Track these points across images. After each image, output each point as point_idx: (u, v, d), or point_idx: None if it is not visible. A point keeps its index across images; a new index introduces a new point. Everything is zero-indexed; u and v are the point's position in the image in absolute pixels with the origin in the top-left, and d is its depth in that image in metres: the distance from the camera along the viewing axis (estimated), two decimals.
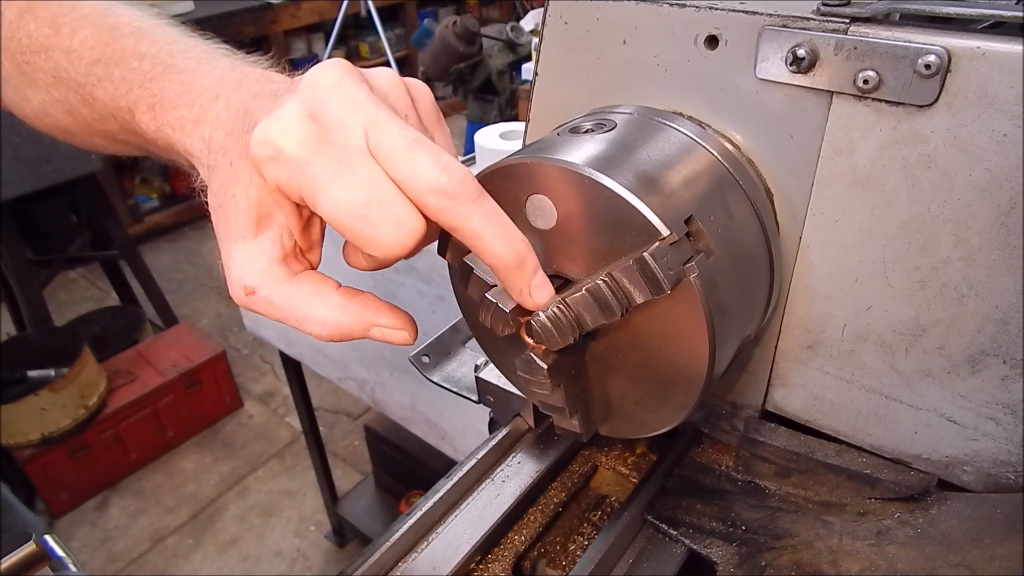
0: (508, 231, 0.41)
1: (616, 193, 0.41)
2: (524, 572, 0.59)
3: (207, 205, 0.47)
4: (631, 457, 0.67)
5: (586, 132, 0.49)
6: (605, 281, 0.42)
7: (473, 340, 0.76)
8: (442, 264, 0.49)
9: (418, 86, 0.48)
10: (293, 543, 2.62)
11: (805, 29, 0.46)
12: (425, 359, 0.74)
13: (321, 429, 2.51)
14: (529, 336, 0.45)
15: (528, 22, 2.49)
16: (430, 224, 0.40)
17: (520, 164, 0.45)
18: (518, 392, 0.62)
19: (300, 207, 0.43)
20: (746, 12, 0.48)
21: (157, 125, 0.50)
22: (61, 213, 3.14)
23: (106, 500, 2.81)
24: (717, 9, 0.50)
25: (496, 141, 1.56)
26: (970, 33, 0.42)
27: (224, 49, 0.54)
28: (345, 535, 2.59)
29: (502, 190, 0.45)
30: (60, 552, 0.63)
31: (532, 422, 0.68)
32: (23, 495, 2.61)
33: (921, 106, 0.44)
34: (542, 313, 0.43)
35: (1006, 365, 0.47)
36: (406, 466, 2.30)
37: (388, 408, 1.78)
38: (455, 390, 0.73)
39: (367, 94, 0.41)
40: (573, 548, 0.61)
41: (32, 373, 2.65)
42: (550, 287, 0.43)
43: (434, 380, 0.74)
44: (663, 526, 0.56)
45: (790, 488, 0.58)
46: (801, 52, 0.46)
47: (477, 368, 0.71)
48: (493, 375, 0.69)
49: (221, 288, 3.97)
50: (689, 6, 0.51)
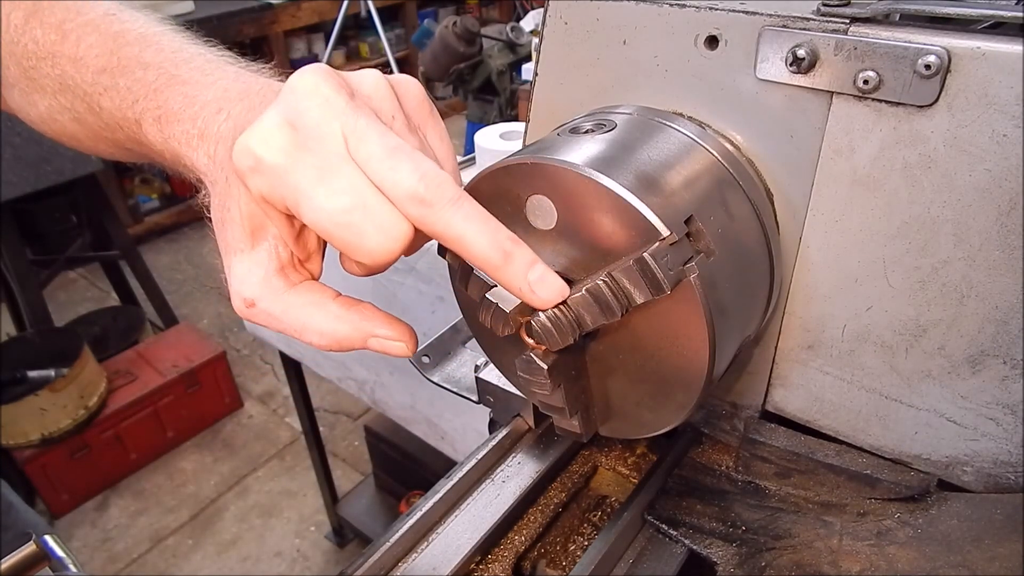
0: (489, 229, 0.40)
1: (616, 193, 0.41)
2: (524, 572, 0.59)
3: (210, 221, 0.47)
4: (631, 457, 0.67)
5: (586, 132, 0.49)
6: (605, 281, 0.42)
7: (473, 340, 0.76)
8: (442, 264, 0.49)
9: (404, 83, 0.47)
10: (293, 543, 2.62)
11: (805, 29, 0.46)
12: (425, 359, 0.74)
13: (321, 429, 2.51)
14: (529, 336, 0.45)
15: (528, 22, 2.49)
16: (416, 232, 0.40)
17: (520, 164, 0.45)
18: (518, 392, 0.62)
19: (290, 217, 0.43)
20: (746, 12, 0.48)
21: (164, 138, 0.50)
22: (61, 213, 3.14)
23: (106, 500, 2.81)
24: (717, 9, 0.50)
25: (496, 141, 1.56)
26: (970, 33, 0.42)
27: (228, 57, 0.54)
28: (345, 535, 2.59)
29: (502, 190, 0.45)
30: (60, 552, 0.63)
31: (532, 422, 0.68)
32: (23, 495, 2.60)
33: (921, 106, 0.44)
34: (542, 313, 0.43)
35: (1006, 365, 0.47)
36: (406, 466, 2.30)
37: (388, 408, 1.78)
38: (455, 390, 0.73)
39: (346, 100, 0.40)
40: (573, 548, 0.61)
41: (32, 373, 2.65)
42: (556, 281, 0.42)
43: (434, 380, 0.74)
44: (663, 526, 0.56)
45: (790, 488, 0.58)
46: (801, 52, 0.46)
47: (477, 368, 0.71)
48: (493, 375, 0.69)
49: (221, 288, 3.96)
50: (689, 6, 0.51)
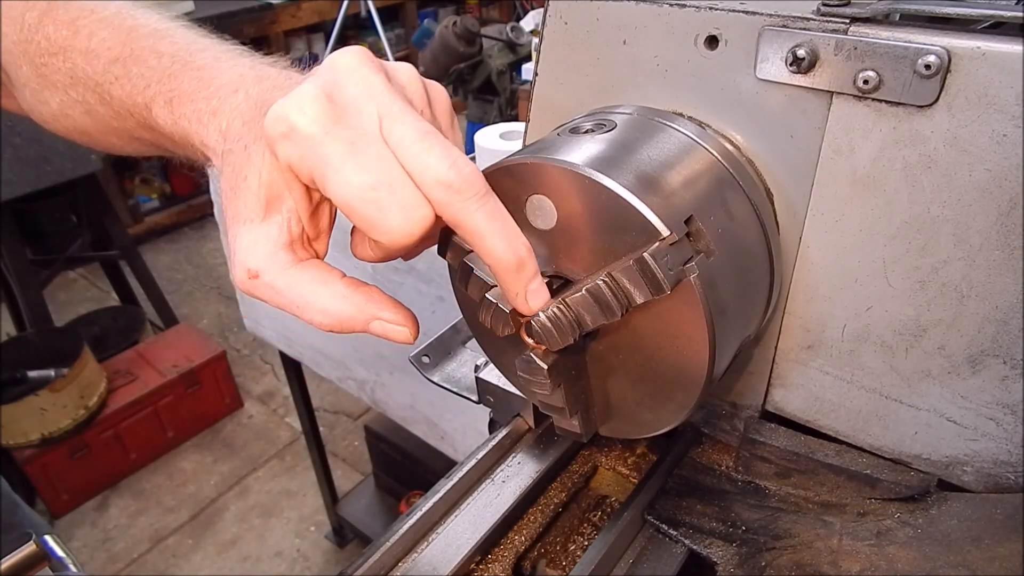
0: (510, 232, 0.41)
1: (616, 193, 0.41)
2: (524, 572, 0.59)
3: (219, 191, 0.47)
4: (631, 457, 0.67)
5: (586, 132, 0.49)
6: (605, 281, 0.42)
7: (473, 340, 0.76)
8: (442, 264, 0.49)
9: (436, 87, 0.48)
10: (293, 543, 2.62)
11: (805, 29, 0.46)
12: (425, 359, 0.74)
13: (321, 429, 2.52)
14: (529, 336, 0.45)
15: (528, 22, 2.48)
16: (436, 220, 0.40)
17: (520, 164, 0.45)
18: (518, 392, 0.62)
19: (310, 191, 0.43)
20: (746, 12, 0.48)
21: (174, 119, 0.50)
22: (61, 213, 3.14)
23: (106, 500, 2.81)
24: (717, 9, 0.50)
25: (496, 141, 1.56)
26: (970, 33, 0.42)
27: (242, 49, 0.54)
28: (345, 535, 2.59)
29: (502, 190, 0.45)
30: (60, 552, 0.63)
31: (532, 422, 0.68)
32: (23, 495, 2.60)
33: (921, 106, 0.44)
34: (542, 313, 0.43)
35: (1006, 365, 0.47)
36: (406, 466, 2.30)
37: (388, 408, 1.78)
38: (455, 390, 0.73)
39: (384, 82, 0.41)
40: (573, 548, 0.61)
41: (32, 373, 2.65)
42: (546, 293, 0.43)
43: (434, 380, 0.74)
44: (663, 526, 0.56)
45: (790, 488, 0.58)
46: (801, 52, 0.46)
47: (477, 368, 0.71)
48: (493, 375, 0.69)
49: (221, 288, 3.98)
50: (689, 6, 0.51)
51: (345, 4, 2.53)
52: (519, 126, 1.61)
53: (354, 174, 0.39)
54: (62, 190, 2.88)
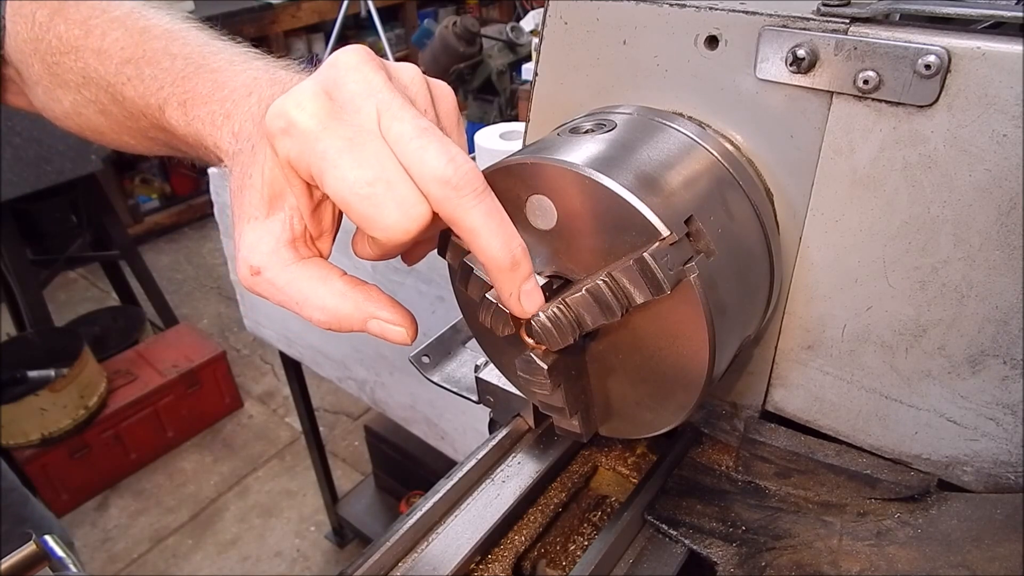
0: (506, 231, 0.41)
1: (616, 193, 0.41)
2: (524, 572, 0.59)
3: (228, 191, 0.47)
4: (631, 457, 0.67)
5: (586, 132, 0.49)
6: (605, 281, 0.42)
7: (473, 340, 0.76)
8: (442, 264, 0.49)
9: (441, 87, 0.48)
10: (293, 543, 2.62)
11: (805, 29, 0.46)
12: (425, 359, 0.74)
13: (321, 429, 2.51)
14: (529, 336, 0.45)
15: (528, 22, 2.48)
16: (434, 220, 0.40)
17: (520, 164, 0.45)
18: (518, 392, 0.62)
19: (311, 187, 0.44)
20: (746, 12, 0.48)
21: (187, 120, 0.50)
22: (61, 213, 3.13)
23: (106, 500, 2.81)
24: (717, 9, 0.50)
25: (496, 141, 1.56)
26: (970, 33, 0.42)
27: (255, 52, 0.55)
28: (345, 535, 2.59)
29: (502, 190, 0.45)
30: (60, 552, 0.63)
31: (532, 422, 0.68)
32: None
33: (921, 106, 0.44)
34: (542, 313, 0.43)
35: (1006, 365, 0.47)
36: (406, 466, 2.30)
37: (388, 408, 1.78)
38: (455, 390, 0.73)
39: (384, 80, 0.41)
40: (573, 548, 0.61)
41: (32, 373, 2.65)
42: (540, 295, 0.43)
43: (434, 380, 0.74)
44: (663, 526, 0.56)
45: (790, 488, 0.58)
46: (801, 52, 0.46)
47: (477, 368, 0.71)
48: (493, 375, 0.69)
49: (221, 288, 3.98)
50: (689, 6, 0.51)
51: (345, 4, 2.52)
52: (519, 126, 1.61)
53: (351, 169, 0.39)
54: (62, 190, 2.87)
